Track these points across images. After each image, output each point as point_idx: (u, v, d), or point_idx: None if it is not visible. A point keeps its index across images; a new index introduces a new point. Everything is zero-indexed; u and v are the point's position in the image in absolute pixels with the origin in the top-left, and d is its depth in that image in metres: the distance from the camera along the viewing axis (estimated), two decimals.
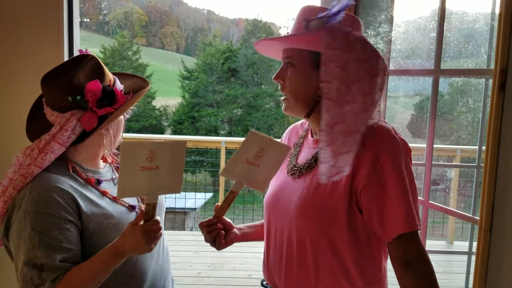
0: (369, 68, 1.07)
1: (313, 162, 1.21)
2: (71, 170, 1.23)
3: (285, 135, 1.47)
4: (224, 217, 1.31)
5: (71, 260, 1.12)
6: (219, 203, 1.25)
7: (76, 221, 1.15)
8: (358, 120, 1.07)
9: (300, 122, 1.43)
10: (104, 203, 1.23)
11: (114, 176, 1.39)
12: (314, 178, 1.18)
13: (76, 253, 1.14)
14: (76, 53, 2.15)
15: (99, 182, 1.28)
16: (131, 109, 1.32)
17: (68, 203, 1.14)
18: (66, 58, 2.07)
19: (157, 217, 1.14)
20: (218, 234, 1.29)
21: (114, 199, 1.27)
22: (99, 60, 1.27)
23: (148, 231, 1.11)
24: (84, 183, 1.24)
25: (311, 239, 1.16)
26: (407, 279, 1.10)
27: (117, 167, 1.42)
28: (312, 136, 1.29)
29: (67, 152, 1.23)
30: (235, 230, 1.36)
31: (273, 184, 1.32)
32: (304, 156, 1.27)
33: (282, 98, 1.25)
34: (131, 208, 1.29)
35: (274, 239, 1.27)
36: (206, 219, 1.29)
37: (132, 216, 1.27)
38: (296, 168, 1.25)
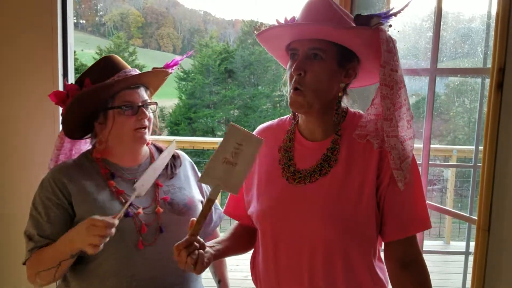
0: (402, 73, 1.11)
1: (326, 165, 1.15)
2: (92, 161, 1.38)
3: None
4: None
5: (50, 237, 1.28)
6: (194, 218, 1.10)
7: (64, 204, 1.30)
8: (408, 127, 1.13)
9: (274, 123, 1.33)
10: (101, 196, 1.31)
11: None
12: (334, 182, 1.13)
13: (54, 231, 1.28)
14: (70, 54, 2.13)
15: (112, 175, 1.37)
16: (128, 104, 1.32)
17: (60, 188, 1.31)
18: (60, 59, 2.06)
19: (114, 221, 1.15)
20: (199, 256, 1.08)
21: (116, 196, 1.32)
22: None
23: (92, 225, 1.13)
24: (96, 173, 1.36)
25: (341, 243, 1.11)
26: (402, 279, 1.11)
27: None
28: (305, 138, 1.22)
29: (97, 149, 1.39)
30: (208, 249, 1.15)
31: (270, 193, 1.21)
32: (305, 160, 1.19)
33: (295, 91, 1.12)
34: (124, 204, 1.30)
35: (286, 253, 1.17)
36: (182, 241, 1.07)
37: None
38: (301, 175, 1.17)
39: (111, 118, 1.33)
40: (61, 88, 2.05)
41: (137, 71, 1.37)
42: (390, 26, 1.10)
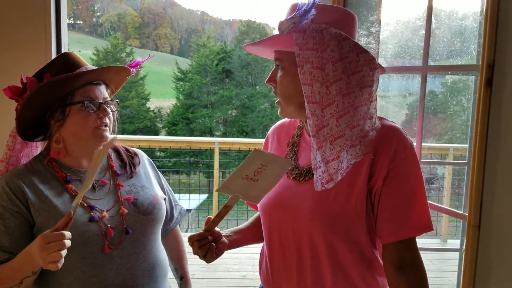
0: (347, 65, 1.01)
1: None
2: (46, 164, 1.31)
3: (271, 134, 1.38)
4: None
5: (10, 250, 1.19)
6: (212, 216, 1.19)
7: (24, 212, 1.22)
8: (350, 121, 1.03)
9: (287, 120, 1.37)
10: (60, 201, 1.24)
11: (108, 180, 1.35)
12: None
13: (14, 244, 1.20)
14: None
15: (69, 179, 1.30)
16: (91, 101, 1.27)
17: (17, 195, 1.22)
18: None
19: (67, 233, 1.07)
20: (210, 248, 1.19)
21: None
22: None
23: (46, 243, 1.05)
24: (52, 178, 1.29)
25: (328, 242, 1.12)
26: (398, 283, 1.09)
27: (117, 173, 1.38)
28: (308, 135, 1.23)
29: (52, 150, 1.32)
30: (224, 239, 1.26)
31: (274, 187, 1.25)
32: (306, 158, 1.21)
33: (276, 101, 1.20)
34: (89, 209, 1.26)
35: (280, 244, 1.21)
36: (196, 233, 1.19)
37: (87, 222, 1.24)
38: (299, 171, 1.20)
39: (70, 115, 1.27)
40: None
41: (96, 68, 1.32)
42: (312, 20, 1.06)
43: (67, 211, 1.19)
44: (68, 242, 1.07)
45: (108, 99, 1.34)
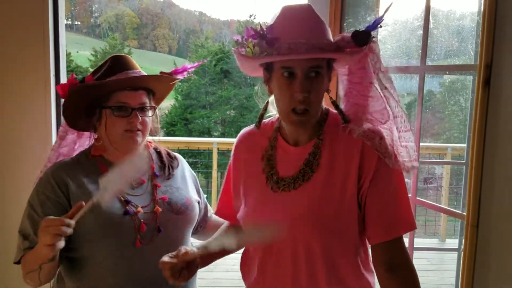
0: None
1: (309, 170, 1.15)
2: (91, 159, 1.39)
3: (240, 148, 1.32)
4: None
5: None
6: (187, 248, 1.16)
7: (64, 204, 1.29)
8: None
9: (249, 129, 1.33)
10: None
11: (146, 180, 1.40)
12: (317, 186, 1.14)
13: None
14: (62, 54, 2.13)
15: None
16: (123, 104, 1.32)
17: (60, 186, 1.29)
18: (52, 60, 2.06)
19: (68, 220, 1.11)
20: (181, 274, 1.16)
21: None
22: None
23: (46, 226, 1.10)
24: (96, 172, 1.34)
25: (324, 246, 1.12)
26: (389, 283, 1.10)
27: (155, 173, 1.43)
28: (288, 143, 1.22)
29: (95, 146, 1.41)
30: (196, 259, 1.19)
31: (255, 201, 1.22)
32: (287, 167, 1.19)
33: (302, 112, 1.11)
34: (125, 203, 1.31)
35: (274, 255, 1.18)
36: (167, 261, 1.13)
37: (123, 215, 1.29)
38: (284, 182, 1.17)
39: (104, 117, 1.34)
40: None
41: (143, 74, 1.37)
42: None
43: (105, 207, 1.24)
44: (66, 229, 1.10)
45: (146, 104, 1.36)
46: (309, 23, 1.10)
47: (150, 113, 1.38)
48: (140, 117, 1.33)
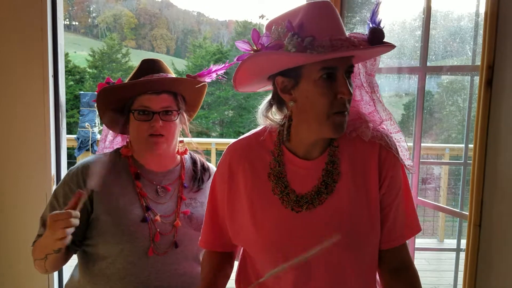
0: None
1: (330, 181, 1.06)
2: (123, 158, 1.40)
3: (232, 163, 1.17)
4: None
5: None
6: None
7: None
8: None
9: (251, 139, 1.19)
10: (125, 199, 1.31)
11: (172, 188, 1.39)
12: (344, 198, 1.06)
13: None
14: (61, 55, 2.13)
15: (138, 175, 1.35)
16: (143, 108, 1.32)
17: (86, 181, 1.29)
18: (50, 60, 2.05)
19: (74, 212, 1.13)
20: None
21: (139, 198, 1.33)
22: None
23: (54, 221, 1.11)
24: (125, 172, 1.37)
25: (353, 269, 1.06)
26: (394, 285, 1.09)
27: (184, 185, 1.41)
28: (297, 157, 1.10)
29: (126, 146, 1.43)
30: None
31: (273, 224, 1.08)
32: (302, 183, 1.08)
33: (344, 115, 1.01)
34: (145, 209, 1.31)
35: (291, 280, 1.07)
36: None
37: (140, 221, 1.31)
38: (306, 199, 1.06)
39: (129, 120, 1.35)
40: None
41: (170, 76, 1.36)
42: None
43: (126, 208, 1.27)
44: (75, 221, 1.11)
45: (170, 108, 1.34)
46: (338, 19, 1.01)
47: (174, 117, 1.35)
48: (161, 121, 1.30)
